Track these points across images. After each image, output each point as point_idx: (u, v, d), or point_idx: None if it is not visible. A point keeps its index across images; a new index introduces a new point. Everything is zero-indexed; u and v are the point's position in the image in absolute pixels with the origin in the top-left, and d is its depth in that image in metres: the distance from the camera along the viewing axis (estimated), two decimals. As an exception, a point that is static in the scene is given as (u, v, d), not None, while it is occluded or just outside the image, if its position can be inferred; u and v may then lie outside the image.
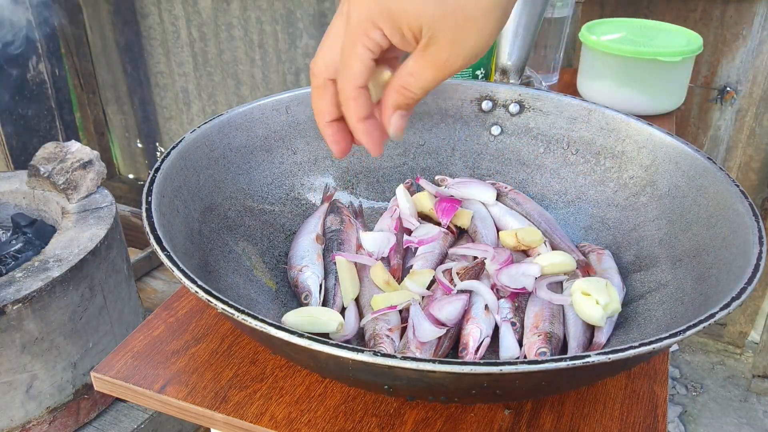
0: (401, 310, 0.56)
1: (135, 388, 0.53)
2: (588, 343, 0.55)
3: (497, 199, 0.71)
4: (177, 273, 0.46)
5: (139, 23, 2.09)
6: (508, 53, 0.78)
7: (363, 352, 0.39)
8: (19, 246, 1.22)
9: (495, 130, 0.75)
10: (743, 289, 0.45)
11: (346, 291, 0.60)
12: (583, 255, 0.64)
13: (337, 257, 0.62)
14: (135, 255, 1.65)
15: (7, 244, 1.23)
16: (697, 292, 0.53)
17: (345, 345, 0.40)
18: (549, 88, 1.11)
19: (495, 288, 0.58)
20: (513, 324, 0.56)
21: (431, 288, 0.60)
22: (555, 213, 0.70)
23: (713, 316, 0.43)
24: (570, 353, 0.54)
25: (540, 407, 0.52)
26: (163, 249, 0.48)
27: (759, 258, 0.48)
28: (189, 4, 1.97)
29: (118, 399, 1.26)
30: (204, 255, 0.56)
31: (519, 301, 0.58)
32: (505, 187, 0.72)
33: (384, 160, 0.75)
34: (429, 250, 0.64)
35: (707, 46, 1.37)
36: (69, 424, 1.17)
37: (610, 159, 0.69)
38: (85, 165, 1.25)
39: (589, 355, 0.39)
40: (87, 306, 1.12)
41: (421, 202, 0.69)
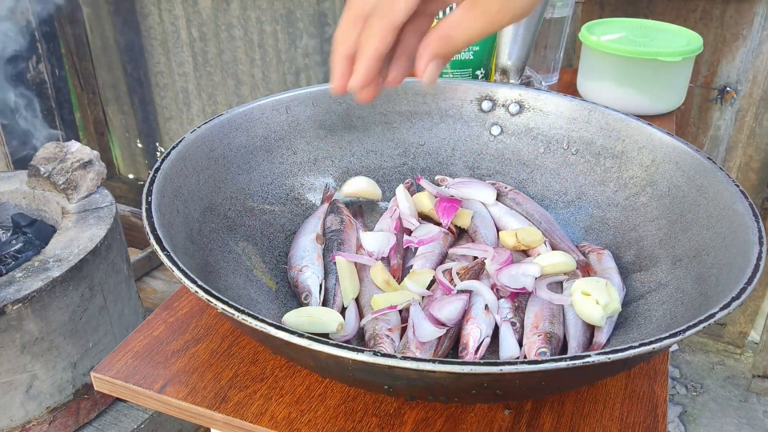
0: (401, 310, 0.56)
1: (135, 388, 0.53)
2: (588, 343, 0.55)
3: (497, 199, 0.71)
4: (177, 273, 0.46)
5: (139, 23, 2.09)
6: (508, 53, 0.78)
7: (363, 352, 0.39)
8: (19, 246, 1.22)
9: (495, 130, 0.75)
10: (743, 289, 0.45)
11: (346, 291, 0.60)
12: (583, 255, 0.64)
13: (337, 257, 0.62)
14: (135, 255, 1.66)
15: (7, 244, 1.23)
16: (697, 292, 0.53)
17: (345, 345, 0.40)
18: (549, 88, 1.11)
19: (495, 288, 0.58)
20: (513, 324, 0.56)
21: (431, 288, 0.60)
22: (555, 213, 0.70)
23: (713, 316, 0.43)
24: (570, 353, 0.54)
25: (540, 407, 0.52)
26: (163, 249, 0.48)
27: (759, 258, 0.48)
28: (189, 4, 1.97)
29: (118, 399, 1.26)
30: (204, 255, 0.56)
31: (519, 301, 0.58)
32: (505, 187, 0.72)
33: (384, 160, 0.75)
34: (429, 250, 0.64)
35: (707, 46, 1.37)
36: (69, 424, 1.17)
37: (610, 159, 0.69)
38: (85, 165, 1.25)
39: (589, 355, 0.39)
40: (87, 306, 1.12)
41: (421, 202, 0.69)
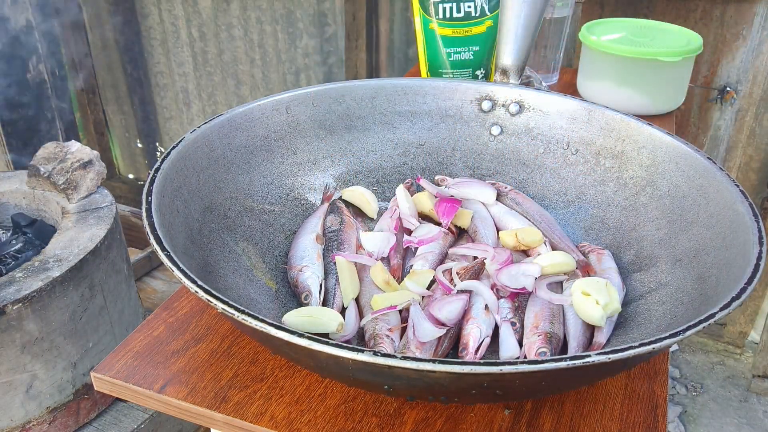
0: (401, 310, 0.56)
1: (135, 388, 0.53)
2: (588, 343, 0.55)
3: (497, 199, 0.71)
4: (177, 273, 0.46)
5: (139, 23, 2.09)
6: (508, 53, 0.78)
7: (363, 352, 0.39)
8: (19, 246, 1.22)
9: (495, 130, 0.75)
10: (743, 289, 0.45)
11: (346, 291, 0.60)
12: (583, 255, 0.64)
13: (337, 257, 0.62)
14: (135, 255, 1.65)
15: (7, 244, 1.23)
16: (697, 292, 0.53)
17: (345, 345, 0.40)
18: (549, 88, 1.11)
19: (495, 288, 0.58)
20: (513, 324, 0.56)
21: (431, 288, 0.60)
22: (555, 213, 0.70)
23: (713, 316, 0.43)
24: (570, 353, 0.54)
25: (540, 407, 0.52)
26: (163, 249, 0.48)
27: (759, 258, 0.48)
28: (189, 4, 1.97)
29: (118, 399, 1.26)
30: (204, 255, 0.56)
31: (519, 301, 0.58)
32: (505, 187, 0.72)
33: (384, 160, 0.75)
34: (429, 250, 0.64)
35: (707, 46, 1.37)
36: (69, 424, 1.17)
37: (610, 159, 0.69)
38: (85, 165, 1.25)
39: (589, 355, 0.39)
40: (87, 306, 1.12)
41: (421, 202, 0.69)
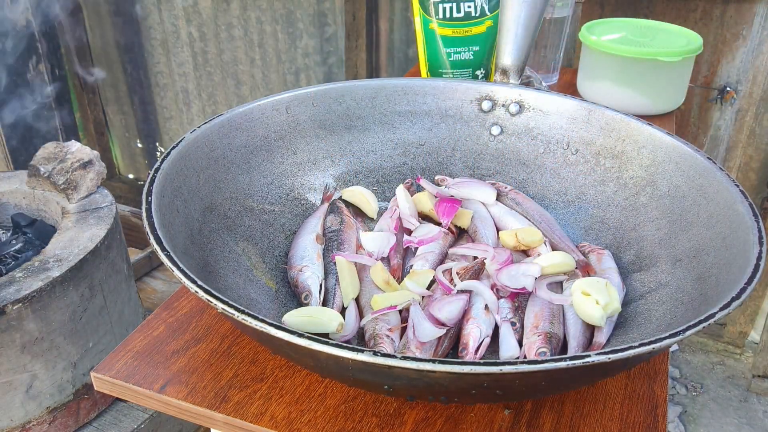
0: (401, 310, 0.56)
1: (135, 388, 0.53)
2: (588, 343, 0.55)
3: (497, 199, 0.71)
4: (177, 273, 0.46)
5: (139, 23, 2.09)
6: (508, 53, 0.78)
7: (363, 352, 0.39)
8: (19, 246, 1.22)
9: (495, 130, 0.75)
10: (743, 289, 0.45)
11: (346, 291, 0.60)
12: (583, 255, 0.64)
13: (337, 257, 0.62)
14: (135, 255, 1.66)
15: (7, 244, 1.23)
16: (697, 292, 0.53)
17: (345, 345, 0.40)
18: (549, 88, 1.11)
19: (495, 288, 0.58)
20: (513, 324, 0.56)
21: (431, 288, 0.60)
22: (555, 213, 0.70)
23: (713, 316, 0.43)
24: (570, 353, 0.54)
25: (540, 407, 0.52)
26: (163, 249, 0.48)
27: (759, 258, 0.48)
28: (189, 4, 1.97)
29: (118, 399, 1.26)
30: (204, 255, 0.56)
31: (519, 301, 0.58)
32: (505, 187, 0.72)
33: (384, 160, 0.75)
34: (429, 250, 0.64)
35: (707, 46, 1.37)
36: (69, 424, 1.17)
37: (610, 159, 0.69)
38: (85, 165, 1.25)
39: (589, 355, 0.39)
40: (87, 306, 1.12)
41: (421, 202, 0.69)
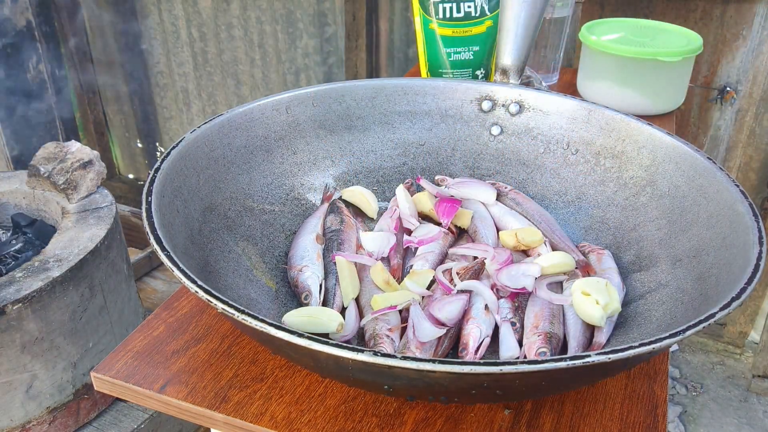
0: (401, 310, 0.56)
1: (135, 388, 0.53)
2: (588, 343, 0.55)
3: (497, 199, 0.71)
4: (177, 273, 0.46)
5: (139, 23, 2.09)
6: (508, 53, 0.78)
7: (363, 352, 0.39)
8: (19, 246, 1.22)
9: (495, 130, 0.75)
10: (743, 289, 0.45)
11: (346, 291, 0.60)
12: (583, 255, 0.64)
13: (337, 257, 0.62)
14: (135, 255, 1.66)
15: (7, 244, 1.23)
16: (697, 292, 0.53)
17: (345, 345, 0.40)
18: (549, 88, 1.11)
19: (495, 288, 0.58)
20: (513, 324, 0.56)
21: (431, 288, 0.60)
22: (555, 213, 0.70)
23: (713, 316, 0.43)
24: (570, 353, 0.54)
25: (540, 407, 0.52)
26: (163, 249, 0.48)
27: (759, 258, 0.48)
28: (189, 4, 1.97)
29: (118, 399, 1.26)
30: (204, 255, 0.56)
31: (519, 301, 0.58)
32: (505, 187, 0.72)
33: (384, 160, 0.75)
34: (429, 250, 0.64)
35: (707, 46, 1.37)
36: (69, 424, 1.17)
37: (610, 159, 0.69)
38: (85, 165, 1.25)
39: (589, 355, 0.39)
40: (87, 306, 1.12)
41: (421, 202, 0.69)
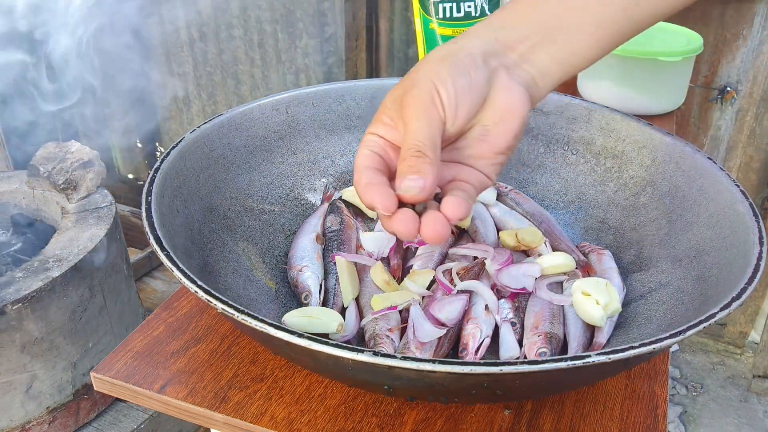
0: (401, 310, 0.56)
1: (135, 388, 0.53)
2: (588, 343, 0.55)
3: (497, 199, 0.71)
4: (177, 273, 0.46)
5: (139, 23, 2.09)
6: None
7: (363, 352, 0.39)
8: (19, 246, 1.22)
9: (495, 130, 0.75)
10: (743, 290, 0.45)
11: (346, 291, 0.60)
12: (583, 255, 0.64)
13: (337, 257, 0.62)
14: (135, 255, 1.66)
15: (7, 244, 1.23)
16: (697, 292, 0.53)
17: (345, 345, 0.40)
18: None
19: (495, 288, 0.58)
20: (513, 324, 0.56)
21: (431, 288, 0.60)
22: (555, 213, 0.70)
23: (713, 316, 0.43)
24: (570, 353, 0.54)
25: (540, 407, 0.52)
26: (163, 249, 0.48)
27: (759, 258, 0.48)
28: (189, 3, 1.97)
29: (118, 399, 1.26)
30: (204, 255, 0.56)
31: (519, 302, 0.58)
32: (505, 187, 0.72)
33: (384, 160, 0.75)
34: (429, 250, 0.64)
35: (707, 46, 1.37)
36: (69, 424, 1.17)
37: (610, 159, 0.69)
38: (85, 165, 1.25)
39: (589, 355, 0.39)
40: (87, 306, 1.12)
41: (421, 202, 0.69)
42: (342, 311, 0.59)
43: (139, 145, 2.33)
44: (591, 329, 0.56)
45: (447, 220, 0.44)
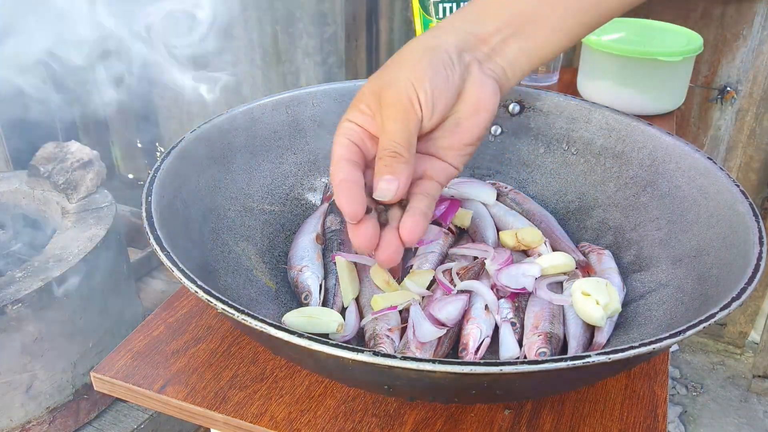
0: (401, 310, 0.56)
1: (135, 388, 0.53)
2: (588, 343, 0.55)
3: (497, 199, 0.71)
4: (177, 273, 0.46)
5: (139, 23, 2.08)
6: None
7: (363, 352, 0.39)
8: (19, 246, 1.22)
9: (495, 130, 0.75)
10: (743, 289, 0.45)
11: (346, 291, 0.60)
12: (583, 255, 0.64)
13: (337, 257, 0.62)
14: (135, 255, 1.65)
15: (7, 244, 1.23)
16: (697, 292, 0.53)
17: (345, 345, 0.40)
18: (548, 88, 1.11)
19: (495, 288, 0.58)
20: (513, 324, 0.56)
21: (431, 288, 0.60)
22: (555, 213, 0.70)
23: (713, 316, 0.43)
24: (570, 353, 0.54)
25: (540, 407, 0.52)
26: (163, 249, 0.48)
27: (759, 258, 0.48)
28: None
29: (118, 399, 1.26)
30: (204, 255, 0.56)
31: (519, 301, 0.58)
32: (505, 187, 0.72)
33: (384, 160, 0.75)
34: (429, 250, 0.64)
35: (707, 46, 1.37)
36: (69, 424, 1.17)
37: (610, 159, 0.69)
38: (85, 165, 1.25)
39: (589, 355, 0.39)
40: (87, 306, 1.12)
41: (421, 202, 0.69)
42: (342, 311, 0.59)
43: (140, 145, 2.33)
44: (591, 329, 0.56)
45: (402, 243, 0.48)
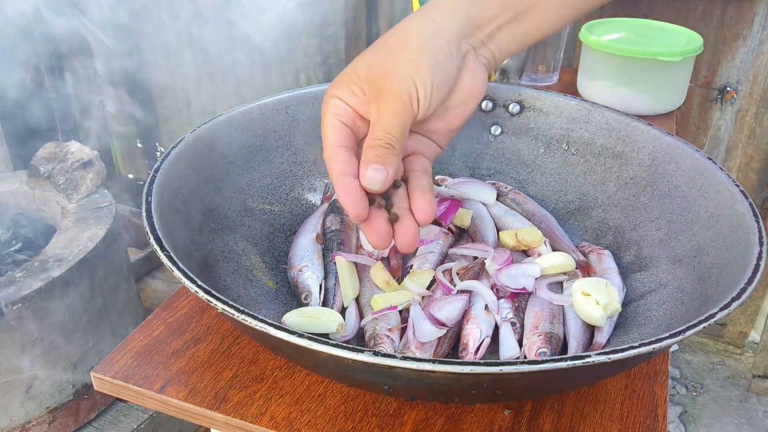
0: (401, 310, 0.56)
1: (135, 388, 0.53)
2: (588, 343, 0.55)
3: (497, 199, 0.71)
4: (177, 273, 0.46)
5: (140, 23, 2.08)
6: (508, 53, 0.79)
7: (363, 352, 0.39)
8: (19, 246, 1.22)
9: (495, 130, 0.75)
10: (743, 289, 0.45)
11: (346, 291, 0.60)
12: (583, 255, 0.64)
13: (337, 257, 0.62)
14: (135, 255, 1.65)
15: (7, 244, 1.23)
16: (697, 292, 0.53)
17: (345, 345, 0.40)
18: (548, 88, 1.11)
19: (495, 288, 0.58)
20: (513, 324, 0.56)
21: (431, 288, 0.60)
22: (555, 213, 0.70)
23: (713, 316, 0.43)
24: (570, 353, 0.54)
25: (540, 407, 0.52)
26: (163, 249, 0.48)
27: (759, 258, 0.48)
28: (190, 3, 1.97)
29: (118, 399, 1.26)
30: (204, 255, 0.56)
31: (519, 301, 0.58)
32: (505, 187, 0.72)
33: (384, 160, 0.75)
34: (429, 250, 0.64)
35: (707, 46, 1.37)
36: (69, 424, 1.17)
37: (610, 159, 0.69)
38: (85, 165, 1.25)
39: (589, 355, 0.39)
40: (87, 306, 1.12)
41: (421, 202, 0.69)
42: (342, 311, 0.59)
43: (140, 145, 2.33)
44: (591, 329, 0.56)
45: (417, 226, 0.48)
